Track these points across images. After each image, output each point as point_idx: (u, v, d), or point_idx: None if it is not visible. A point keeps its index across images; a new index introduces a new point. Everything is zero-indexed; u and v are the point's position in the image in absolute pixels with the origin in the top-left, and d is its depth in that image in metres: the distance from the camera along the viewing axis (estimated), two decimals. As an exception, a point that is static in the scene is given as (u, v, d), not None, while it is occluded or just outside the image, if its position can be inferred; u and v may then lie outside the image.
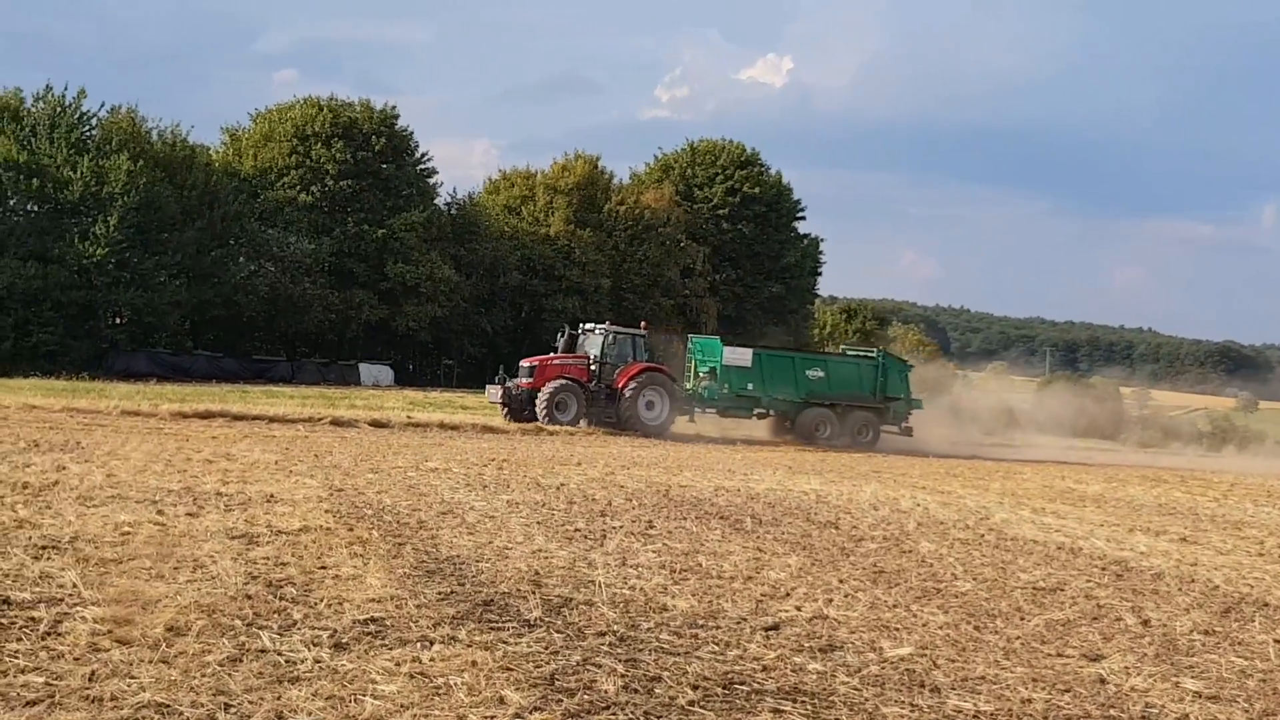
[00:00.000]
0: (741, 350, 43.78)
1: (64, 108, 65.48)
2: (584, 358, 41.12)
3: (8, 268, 58.99)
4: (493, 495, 18.06)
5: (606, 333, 41.60)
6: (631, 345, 41.80)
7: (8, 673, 7.25)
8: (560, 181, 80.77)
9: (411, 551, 12.40)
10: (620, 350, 41.39)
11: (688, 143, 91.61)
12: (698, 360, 43.96)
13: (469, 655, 8.29)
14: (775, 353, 46.63)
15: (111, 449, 21.62)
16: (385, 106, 76.42)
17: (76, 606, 8.89)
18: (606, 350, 41.09)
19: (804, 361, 45.41)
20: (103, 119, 66.35)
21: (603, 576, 11.59)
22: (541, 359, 41.20)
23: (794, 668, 8.84)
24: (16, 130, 63.87)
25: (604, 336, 41.41)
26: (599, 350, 41.12)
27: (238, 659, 7.89)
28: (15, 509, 13.27)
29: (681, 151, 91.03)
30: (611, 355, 41.12)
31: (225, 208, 66.62)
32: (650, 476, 23.34)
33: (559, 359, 40.95)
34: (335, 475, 19.63)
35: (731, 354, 43.08)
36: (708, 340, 45.63)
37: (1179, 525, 21.02)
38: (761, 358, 43.67)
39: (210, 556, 11.23)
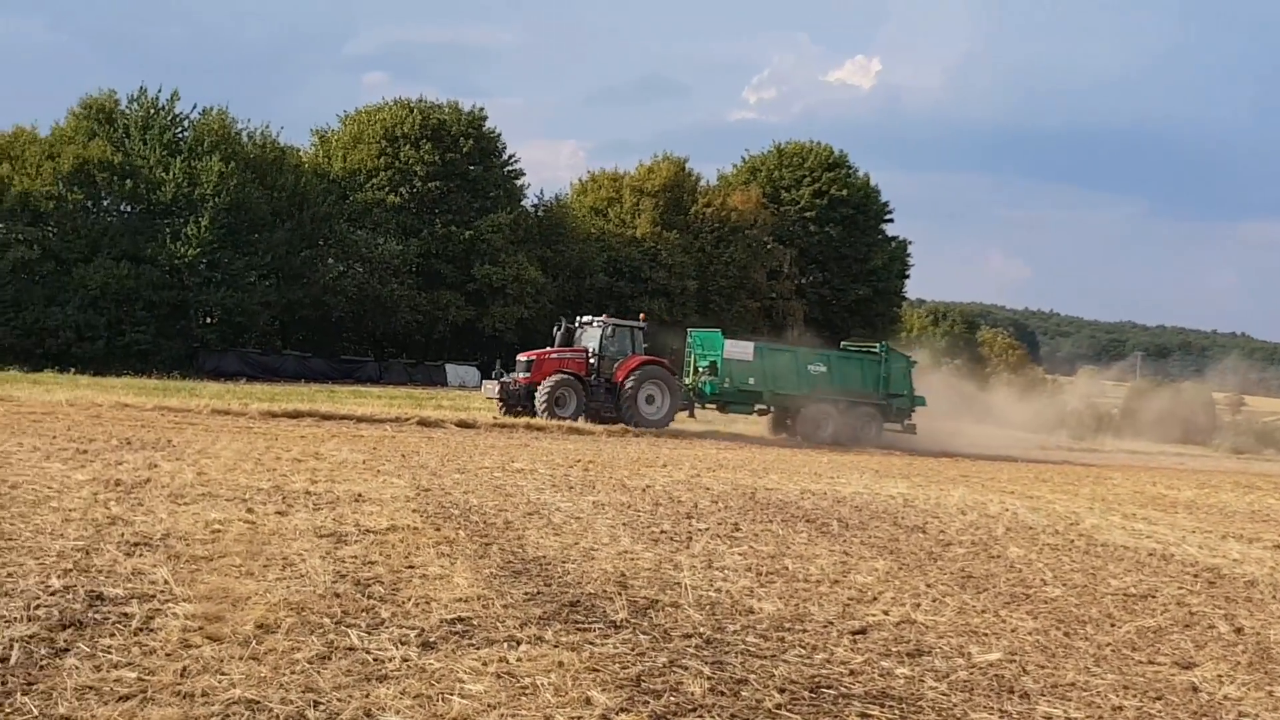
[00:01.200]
0: (743, 344, 43.08)
1: (157, 110, 66.25)
2: (582, 351, 40.38)
3: (102, 268, 59.76)
4: (579, 496, 18.07)
5: (605, 325, 40.96)
6: (630, 338, 41.16)
7: (101, 668, 7.32)
8: (647, 183, 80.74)
9: (498, 552, 12.42)
10: (619, 343, 40.71)
11: (775, 145, 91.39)
12: (697, 354, 43.19)
13: (555, 656, 8.29)
14: (777, 347, 46.49)
15: (202, 447, 21.81)
16: (473, 108, 76.74)
17: (168, 603, 8.96)
18: (605, 343, 40.40)
19: (806, 356, 44.69)
20: (195, 121, 67.04)
21: (689, 578, 11.56)
22: (539, 353, 40.51)
23: (881, 672, 8.78)
24: (111, 132, 64.72)
25: (602, 329, 40.76)
26: (597, 343, 40.41)
27: (326, 657, 7.93)
28: (108, 506, 13.41)
29: (769, 154, 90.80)
30: (610, 348, 40.42)
31: (315, 209, 67.13)
32: (736, 479, 23.28)
33: (556, 353, 40.26)
34: (422, 475, 19.70)
35: (733, 347, 42.28)
36: (708, 333, 44.81)
37: (1273, 532, 20.72)
38: (763, 351, 43.08)
39: (299, 555, 11.29)
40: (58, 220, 61.63)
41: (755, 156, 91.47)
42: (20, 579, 9.42)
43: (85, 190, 62.40)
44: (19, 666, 7.21)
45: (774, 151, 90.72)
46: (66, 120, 66.44)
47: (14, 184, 61.54)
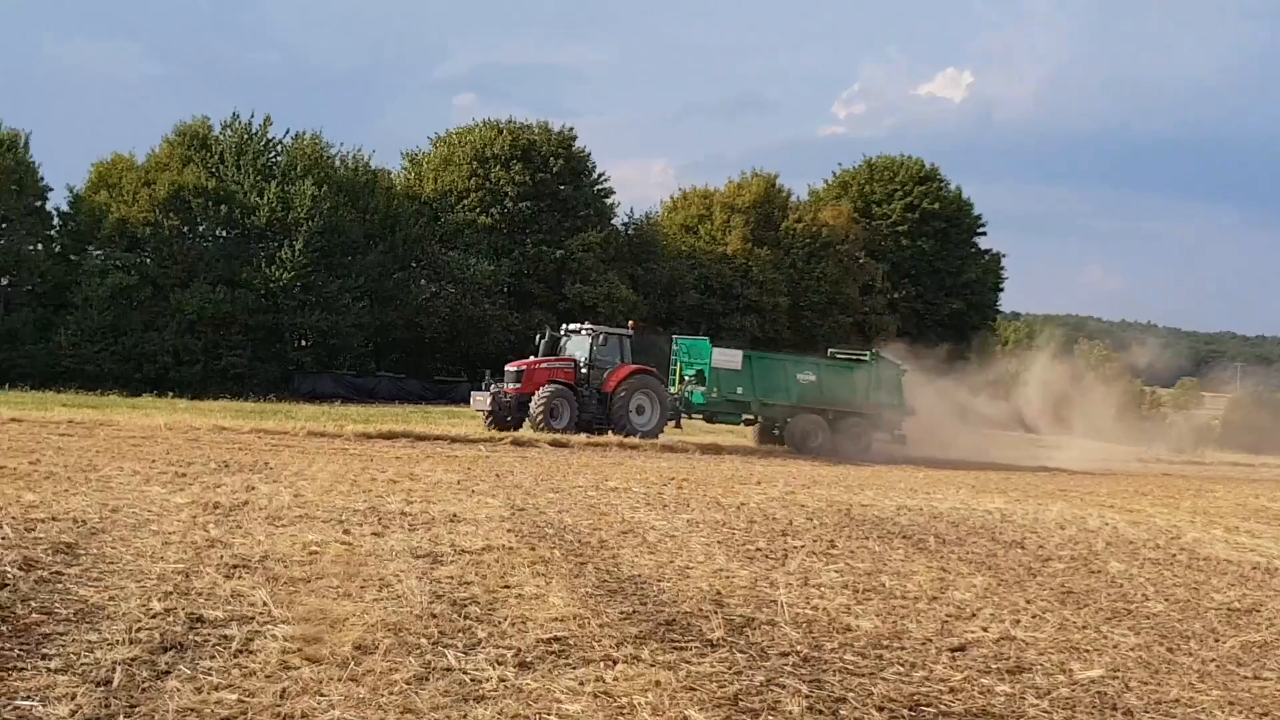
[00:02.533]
0: (731, 352, 42.20)
1: (251, 135, 66.97)
2: (569, 360, 39.23)
3: (198, 293, 60.47)
4: (673, 514, 18.04)
5: (595, 333, 39.79)
6: (619, 346, 40.09)
7: (202, 689, 7.37)
8: (737, 200, 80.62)
9: (593, 571, 12.41)
10: (609, 352, 39.67)
11: (866, 159, 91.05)
12: (683, 362, 42.39)
13: (652, 675, 8.27)
14: (766, 355, 45.42)
15: (299, 469, 21.98)
16: (563, 128, 76.93)
17: (267, 625, 9.02)
18: (596, 352, 39.27)
19: (796, 365, 43.41)
20: (288, 145, 67.71)
21: (785, 596, 11.50)
22: (529, 363, 39.20)
23: (981, 689, 8.69)
24: (205, 158, 65.47)
25: (592, 338, 39.54)
26: (587, 352, 39.22)
27: (424, 677, 7.95)
28: (207, 529, 13.53)
29: (860, 168, 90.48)
30: (600, 357, 39.30)
31: (407, 231, 67.56)
32: (831, 495, 23.16)
33: (546, 362, 39.05)
34: (517, 495, 19.74)
35: (721, 356, 41.39)
36: (694, 341, 44.16)
37: (1379, 545, 20.35)
38: (752, 360, 42.01)
39: (396, 575, 11.33)
40: (155, 246, 62.43)
41: (846, 171, 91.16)
42: (122, 602, 9.52)
43: (181, 216, 63.16)
44: (122, 689, 7.28)
45: (865, 166, 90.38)
46: (162, 147, 67.26)
47: (112, 211, 62.44)
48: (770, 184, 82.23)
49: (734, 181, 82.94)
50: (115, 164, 66.27)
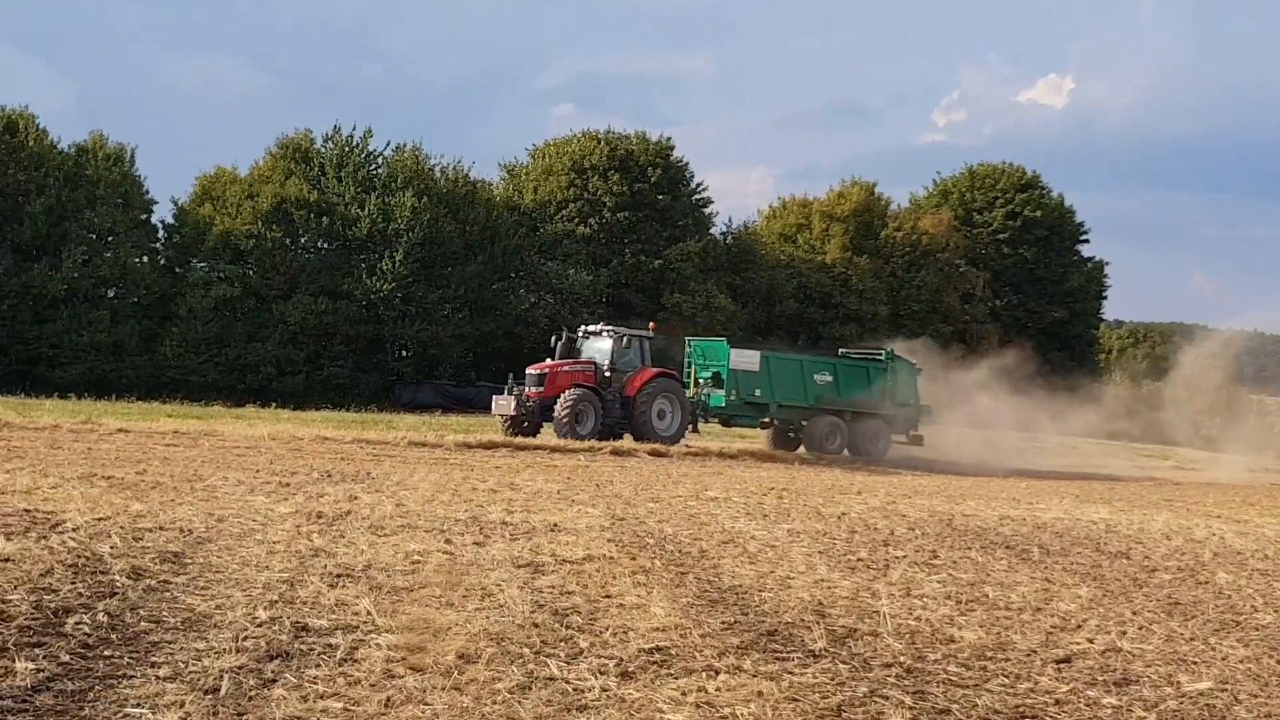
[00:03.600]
0: (749, 353, 41.27)
1: (352, 147, 67.65)
2: (589, 364, 38.18)
3: (300, 303, 61.14)
4: (773, 524, 17.98)
5: (618, 335, 38.76)
6: (640, 348, 39.21)
7: (308, 698, 7.43)
8: (837, 208, 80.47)
9: (694, 581, 12.40)
10: (631, 355, 38.75)
11: (967, 167, 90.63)
12: (698, 365, 41.44)
13: (755, 685, 8.24)
14: (783, 356, 43.90)
15: (400, 479, 22.11)
16: (661, 138, 77.13)
17: (371, 634, 9.08)
18: (618, 355, 38.31)
19: (812, 365, 42.42)
20: (388, 157, 68.35)
21: (887, 607, 11.43)
22: (551, 366, 38.07)
23: (1088, 702, 8.59)
24: (307, 170, 66.20)
25: (614, 340, 38.51)
26: (610, 355, 38.22)
27: (527, 686, 7.97)
28: (311, 538, 13.64)
29: (960, 176, 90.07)
30: (622, 360, 38.35)
31: (506, 241, 67.92)
32: (932, 505, 23.00)
33: (568, 365, 38.00)
34: (617, 504, 19.75)
35: (739, 357, 40.53)
36: (710, 342, 43.18)
37: None
38: (770, 361, 41.14)
39: (497, 585, 11.37)
40: (257, 258, 63.19)
41: (947, 179, 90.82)
42: (229, 610, 9.62)
43: (283, 228, 63.92)
44: (229, 697, 7.35)
45: (966, 173, 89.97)
46: (264, 160, 68.10)
47: (216, 223, 63.27)
48: (870, 192, 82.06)
49: (833, 190, 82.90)
50: (219, 177, 67.17)
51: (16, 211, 60.36)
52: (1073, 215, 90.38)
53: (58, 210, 60.66)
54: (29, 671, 7.51)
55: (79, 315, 59.86)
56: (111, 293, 62.96)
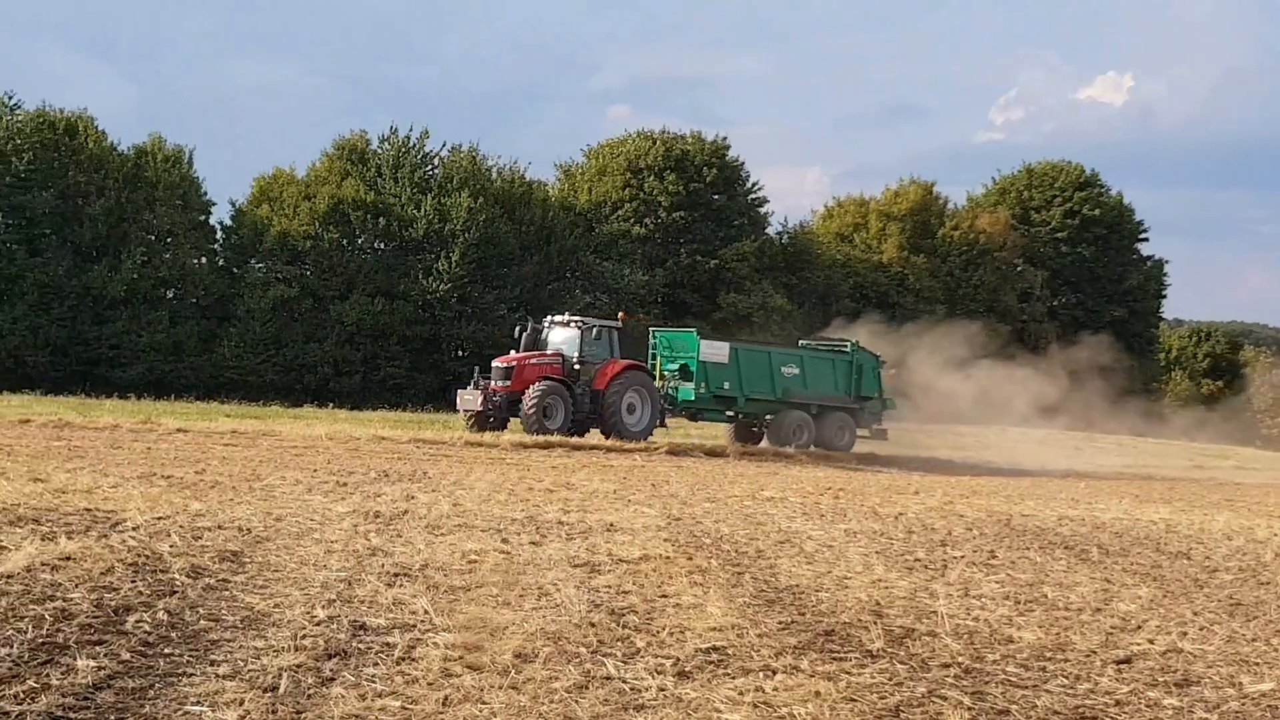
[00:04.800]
0: (718, 345, 39.62)
1: (408, 148, 67.95)
2: (557, 356, 36.73)
3: (357, 304, 61.48)
4: (830, 524, 17.92)
5: (587, 326, 37.53)
6: (609, 340, 37.87)
7: (366, 696, 7.44)
8: (893, 207, 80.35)
9: (751, 580, 12.37)
10: (600, 346, 37.42)
11: (1025, 165, 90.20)
12: (663, 357, 39.69)
13: (812, 685, 8.20)
14: (752, 347, 41.93)
15: (457, 479, 22.16)
16: (716, 138, 77.23)
17: (428, 632, 9.09)
18: (588, 346, 37.03)
19: (780, 357, 40.82)
20: (444, 158, 68.64)
21: (945, 607, 11.37)
22: (518, 358, 36.52)
23: (1149, 703, 8.51)
24: (363, 172, 66.57)
25: (583, 331, 37.24)
26: (578, 347, 36.90)
27: (584, 686, 7.95)
28: (368, 537, 13.68)
29: (1018, 174, 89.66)
30: (591, 352, 37.05)
31: (561, 242, 68.11)
32: (990, 505, 22.88)
33: (535, 357, 36.53)
34: (673, 504, 19.74)
35: (709, 349, 38.93)
36: (677, 334, 41.74)
37: None
38: (738, 353, 39.55)
39: (554, 584, 11.37)
40: (315, 259, 63.60)
41: (1005, 177, 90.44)
42: (287, 609, 9.65)
43: (340, 229, 64.32)
44: (288, 695, 7.38)
45: (1024, 172, 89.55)
46: (321, 161, 68.56)
47: (274, 224, 63.70)
48: (927, 191, 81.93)
49: (890, 189, 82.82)
50: (276, 178, 67.70)
51: (77, 213, 60.96)
52: (1132, 213, 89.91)
53: (117, 212, 61.23)
54: (90, 669, 7.56)
55: (138, 316, 60.41)
56: (170, 293, 63.52)
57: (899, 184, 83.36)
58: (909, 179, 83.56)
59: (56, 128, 62.23)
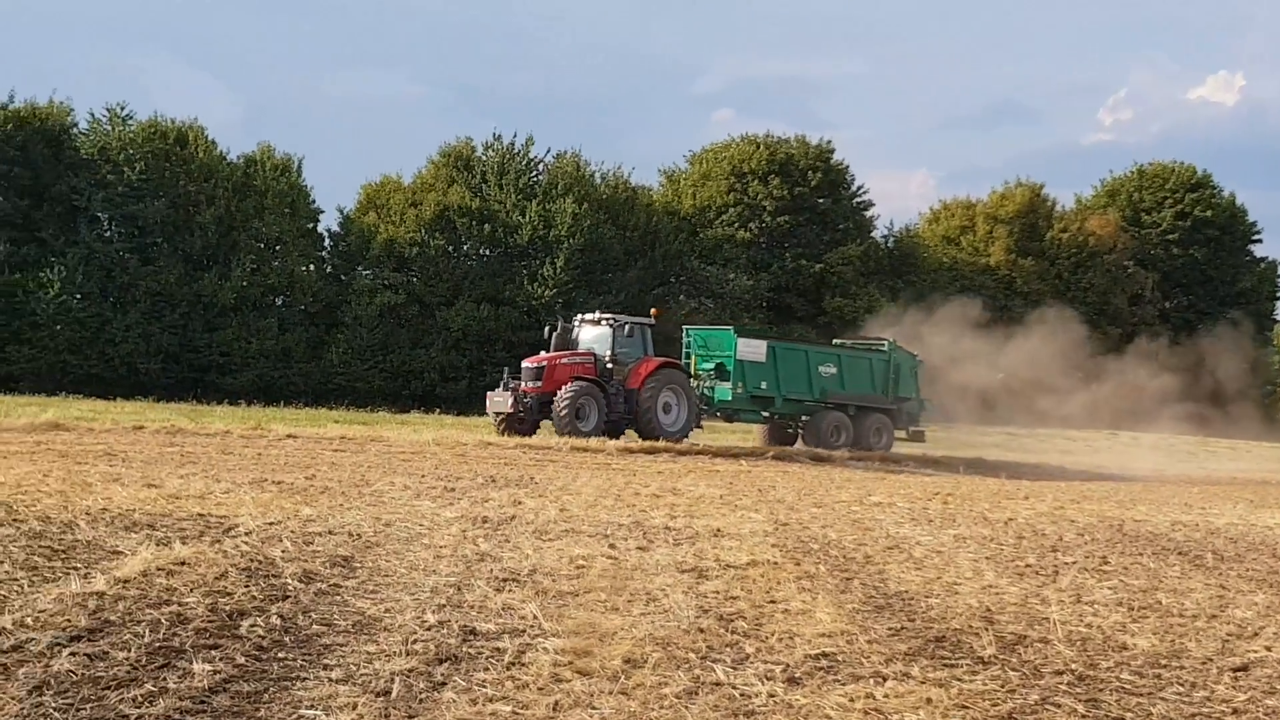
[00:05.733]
0: (755, 343, 38.56)
1: (513, 155, 68.28)
2: (589, 355, 35.63)
3: (463, 310, 61.87)
4: (939, 530, 17.79)
5: (619, 324, 36.16)
6: (642, 337, 36.56)
7: (477, 701, 7.47)
8: (1001, 210, 79.76)
9: (859, 586, 12.29)
10: (633, 344, 36.11)
11: (1135, 166, 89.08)
12: (698, 355, 38.75)
13: (923, 692, 8.14)
14: (790, 345, 41.10)
15: (563, 484, 22.21)
16: (821, 141, 77.06)
17: (538, 637, 9.11)
18: (620, 344, 35.79)
19: (817, 356, 39.76)
20: (549, 164, 68.94)
21: (1057, 613, 11.24)
22: (549, 358, 35.40)
23: (1266, 711, 8.37)
24: (469, 178, 66.98)
25: (615, 328, 35.95)
26: (610, 345, 35.69)
27: (694, 691, 7.94)
28: (477, 542, 13.75)
29: (1128, 176, 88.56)
30: (623, 350, 35.85)
31: (666, 247, 68.20)
32: (1102, 510, 22.61)
33: (567, 356, 35.41)
34: (780, 510, 19.67)
35: (746, 347, 37.84)
36: (711, 331, 40.53)
37: None
38: (776, 351, 38.51)
39: (661, 590, 11.36)
40: (421, 265, 64.11)
41: (1115, 179, 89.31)
42: (398, 614, 9.72)
43: (446, 235, 64.77)
44: (400, 700, 7.42)
45: (1134, 173, 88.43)
46: (427, 168, 69.11)
47: (380, 231, 64.25)
48: (1035, 193, 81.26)
49: (997, 191, 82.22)
50: (383, 186, 68.32)
51: (188, 222, 61.79)
52: (1244, 215, 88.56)
53: (227, 220, 62.02)
54: (206, 673, 7.65)
55: (248, 323, 61.14)
56: (279, 300, 64.25)
57: (1005, 186, 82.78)
58: (1016, 181, 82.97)
59: (168, 137, 63.12)
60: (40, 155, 61.59)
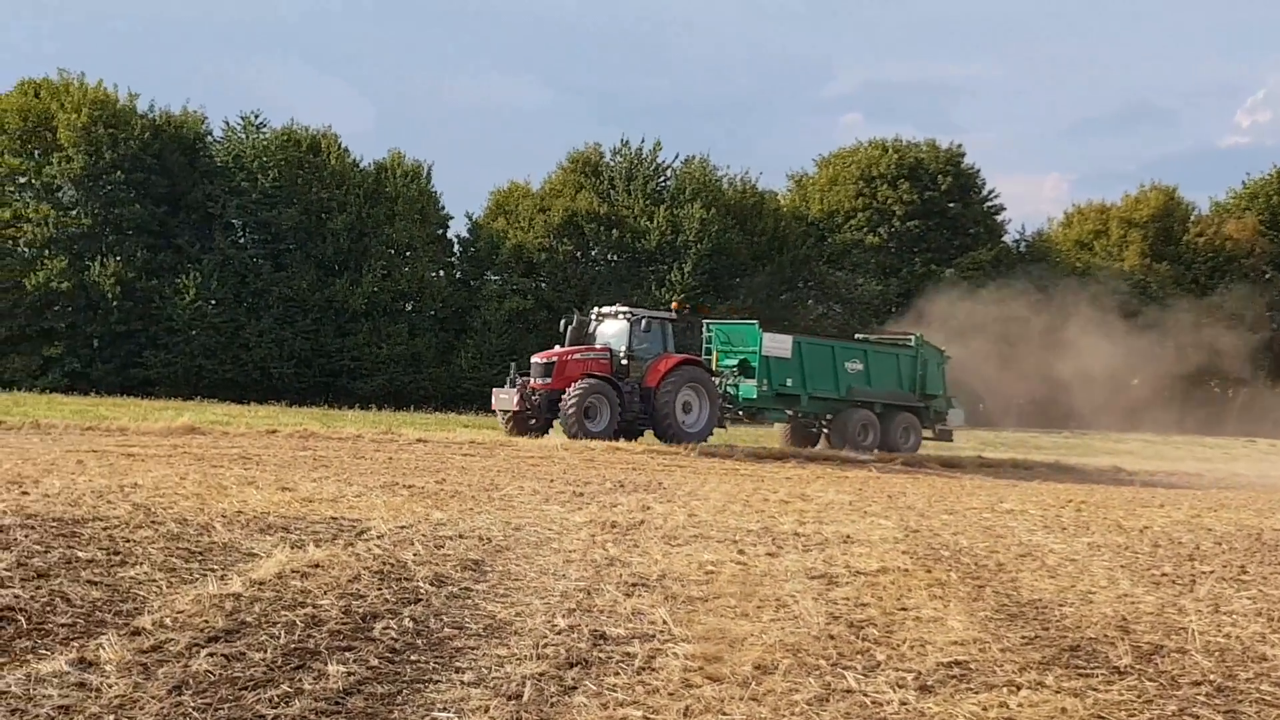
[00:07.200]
0: (781, 338, 37.03)
1: (640, 160, 68.47)
2: (604, 350, 34.06)
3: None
4: (1072, 537, 17.55)
5: (635, 318, 34.53)
6: (662, 333, 34.96)
7: (608, 705, 7.49)
8: (1135, 214, 78.67)
9: (992, 594, 12.17)
10: (651, 340, 34.54)
11: (1275, 169, 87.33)
12: (720, 351, 37.25)
13: (1058, 702, 8.04)
14: (815, 341, 39.58)
15: (691, 489, 22.21)
16: (951, 145, 76.50)
17: (668, 643, 9.11)
18: (636, 340, 34.18)
19: (843, 351, 38.19)
20: (677, 169, 69.02)
21: (1195, 623, 11.05)
22: (559, 353, 33.99)
23: None
24: (597, 184, 67.23)
25: (633, 323, 34.33)
26: (627, 340, 34.07)
27: (824, 698, 7.90)
28: (606, 547, 13.78)
29: (1268, 178, 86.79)
30: (641, 346, 34.22)
31: (794, 252, 68.08)
32: (1239, 518, 22.19)
33: (580, 352, 33.89)
34: (910, 516, 19.53)
35: (771, 342, 36.38)
36: (736, 326, 38.81)
37: None
38: (801, 346, 37.00)
39: (791, 596, 11.32)
40: (549, 271, 64.46)
41: (1254, 181, 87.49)
42: (528, 618, 9.76)
43: (574, 241, 65.10)
44: (531, 703, 7.46)
45: (1274, 175, 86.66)
46: (556, 174, 69.46)
47: (509, 237, 64.68)
48: (1170, 197, 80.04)
49: (1130, 195, 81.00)
50: (512, 191, 68.81)
51: (320, 228, 62.63)
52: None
53: (358, 226, 62.76)
54: (340, 674, 7.73)
55: (378, 328, 61.82)
56: (409, 306, 64.86)
57: (1140, 189, 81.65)
58: (1151, 184, 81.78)
59: (301, 145, 64.01)
60: (176, 163, 62.74)
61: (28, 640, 8.15)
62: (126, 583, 10.04)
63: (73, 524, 12.60)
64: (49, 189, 61.36)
